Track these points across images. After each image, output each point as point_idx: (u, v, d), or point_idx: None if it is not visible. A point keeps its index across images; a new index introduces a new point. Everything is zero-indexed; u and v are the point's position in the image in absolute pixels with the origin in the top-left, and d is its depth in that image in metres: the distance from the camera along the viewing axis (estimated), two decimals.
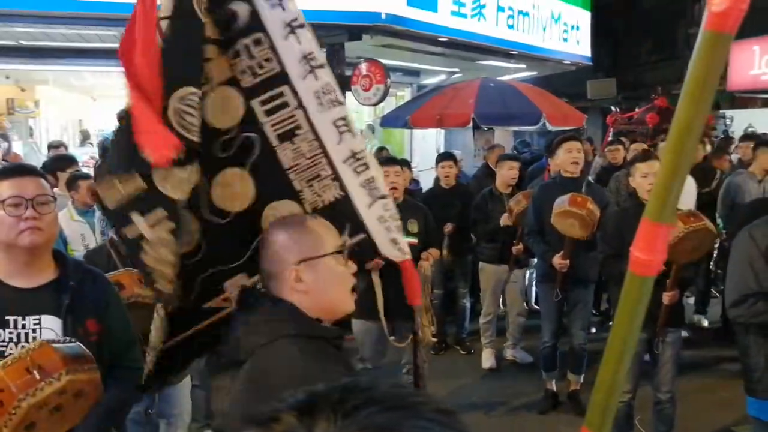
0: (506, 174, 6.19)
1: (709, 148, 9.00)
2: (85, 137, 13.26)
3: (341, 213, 1.96)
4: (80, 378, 1.96)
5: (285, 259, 1.75)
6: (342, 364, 1.76)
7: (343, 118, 1.95)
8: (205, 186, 1.89)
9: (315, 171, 1.95)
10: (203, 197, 1.89)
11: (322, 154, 1.94)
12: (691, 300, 7.59)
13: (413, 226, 4.80)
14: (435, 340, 5.01)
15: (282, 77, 1.90)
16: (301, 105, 1.91)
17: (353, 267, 1.84)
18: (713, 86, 0.86)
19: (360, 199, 1.99)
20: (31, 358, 1.90)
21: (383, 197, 2.02)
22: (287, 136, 1.93)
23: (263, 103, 1.91)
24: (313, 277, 1.75)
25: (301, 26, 1.90)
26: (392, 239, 2.05)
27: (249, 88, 1.91)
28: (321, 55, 1.94)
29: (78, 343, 2.08)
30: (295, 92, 1.91)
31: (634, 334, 1.00)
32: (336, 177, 1.96)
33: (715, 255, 7.30)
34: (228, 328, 1.81)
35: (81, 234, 4.90)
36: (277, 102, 1.91)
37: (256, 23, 1.87)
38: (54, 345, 1.99)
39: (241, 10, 1.86)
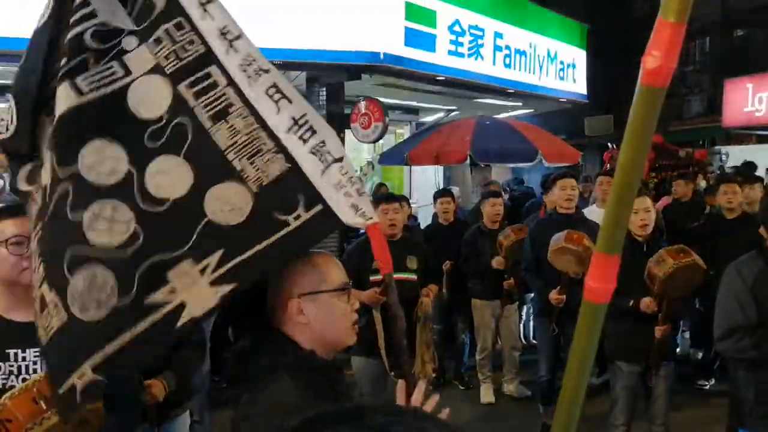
0: (490, 210, 6.32)
1: (703, 184, 9.11)
2: None
3: (291, 186, 1.82)
4: None
5: (289, 291, 1.84)
6: (336, 395, 1.82)
7: (275, 86, 1.86)
8: (138, 176, 1.80)
9: (255, 146, 1.83)
10: (137, 186, 1.80)
11: (260, 127, 1.84)
12: (687, 334, 7.62)
13: (412, 263, 4.80)
14: (435, 375, 5.04)
15: (208, 57, 1.84)
16: (231, 82, 1.84)
17: (356, 304, 1.91)
18: (650, 134, 0.99)
19: (311, 168, 1.84)
20: (38, 389, 1.99)
21: (338, 160, 1.87)
22: (220, 115, 1.84)
23: (191, 85, 1.84)
24: (314, 312, 1.83)
25: (210, 1, 1.86)
26: (353, 205, 1.86)
27: (174, 73, 1.84)
28: (236, 27, 1.87)
29: None
30: (224, 70, 1.84)
31: (590, 356, 1.11)
32: (280, 149, 1.84)
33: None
34: (186, 328, 1.72)
35: None
36: (206, 83, 1.84)
37: (174, 7, 1.83)
38: None
39: None
